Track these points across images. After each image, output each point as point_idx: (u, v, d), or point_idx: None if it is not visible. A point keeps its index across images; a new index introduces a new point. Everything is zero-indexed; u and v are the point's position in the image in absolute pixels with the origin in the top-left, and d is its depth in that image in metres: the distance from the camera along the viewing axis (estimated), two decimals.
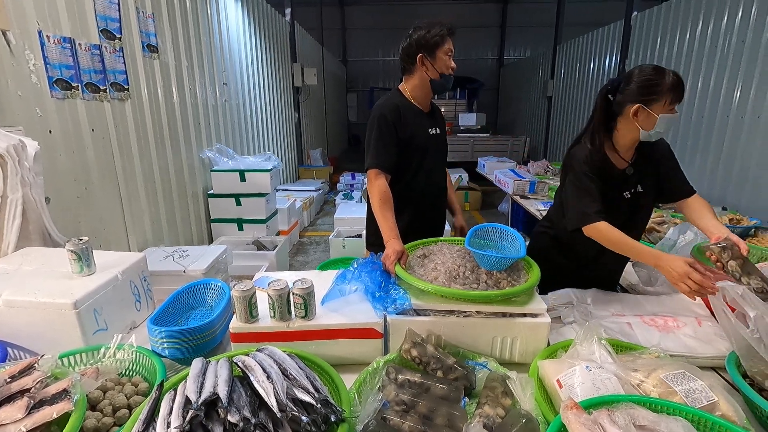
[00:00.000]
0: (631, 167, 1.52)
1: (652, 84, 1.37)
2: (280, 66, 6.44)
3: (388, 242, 1.44)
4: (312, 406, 0.84)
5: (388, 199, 1.60)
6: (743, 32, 3.79)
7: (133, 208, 2.80)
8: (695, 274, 1.16)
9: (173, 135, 3.32)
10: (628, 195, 1.51)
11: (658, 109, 1.37)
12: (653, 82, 1.37)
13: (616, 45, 6.17)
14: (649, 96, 1.37)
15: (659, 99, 1.36)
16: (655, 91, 1.36)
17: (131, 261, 1.49)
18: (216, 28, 4.18)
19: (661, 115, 1.37)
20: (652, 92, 1.37)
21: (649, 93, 1.37)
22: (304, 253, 4.81)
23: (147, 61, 2.98)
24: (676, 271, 1.20)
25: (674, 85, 1.35)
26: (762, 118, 3.53)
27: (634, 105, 1.39)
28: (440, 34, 1.63)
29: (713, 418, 0.83)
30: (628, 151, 1.52)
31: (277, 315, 1.17)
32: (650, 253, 1.31)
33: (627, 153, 1.52)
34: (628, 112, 1.41)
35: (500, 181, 4.32)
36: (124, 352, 1.13)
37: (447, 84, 1.73)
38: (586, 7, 10.48)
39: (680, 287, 1.20)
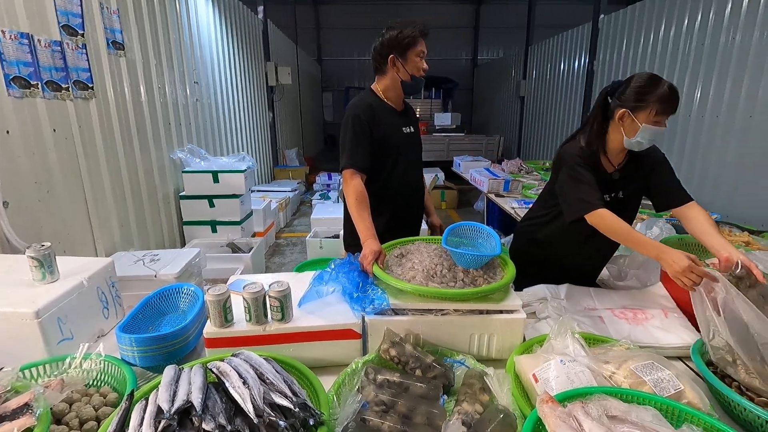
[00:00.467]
0: (617, 172, 1.53)
1: (642, 92, 1.37)
2: (253, 65, 6.33)
3: (365, 242, 1.43)
4: (290, 410, 0.83)
5: (364, 199, 1.59)
6: (702, 35, 3.97)
7: (99, 212, 2.70)
8: (697, 268, 1.15)
9: (142, 135, 3.21)
10: (607, 198, 1.50)
11: (642, 118, 1.37)
12: (643, 90, 1.37)
13: (585, 46, 6.36)
14: (636, 103, 1.37)
15: (645, 107, 1.36)
16: (642, 99, 1.36)
17: (98, 266, 1.43)
18: (185, 25, 4.07)
19: (644, 124, 1.37)
20: (640, 99, 1.37)
21: (636, 100, 1.37)
22: (281, 255, 4.74)
23: (112, 58, 2.87)
24: (678, 265, 1.17)
25: (662, 97, 1.34)
26: (720, 118, 3.71)
27: (621, 109, 1.40)
28: (412, 36, 1.62)
29: (680, 406, 0.86)
30: (618, 155, 1.52)
31: (253, 318, 1.15)
32: (652, 244, 1.29)
33: (616, 157, 1.53)
34: (616, 116, 1.43)
35: (475, 179, 4.38)
36: (91, 361, 1.08)
37: (418, 86, 1.73)
38: (556, 10, 10.75)
39: (681, 281, 1.17)
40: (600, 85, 5.95)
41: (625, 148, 1.48)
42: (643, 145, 1.43)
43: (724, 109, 3.68)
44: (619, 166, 1.54)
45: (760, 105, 3.36)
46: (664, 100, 1.35)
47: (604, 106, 1.48)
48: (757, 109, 3.39)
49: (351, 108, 1.70)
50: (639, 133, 1.39)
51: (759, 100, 3.36)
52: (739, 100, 3.55)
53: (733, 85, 3.61)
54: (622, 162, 1.54)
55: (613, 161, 1.53)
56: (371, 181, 1.69)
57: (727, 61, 3.67)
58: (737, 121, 3.56)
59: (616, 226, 1.34)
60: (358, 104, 1.71)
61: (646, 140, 1.41)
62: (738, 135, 3.56)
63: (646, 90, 1.36)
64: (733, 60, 3.62)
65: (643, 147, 1.45)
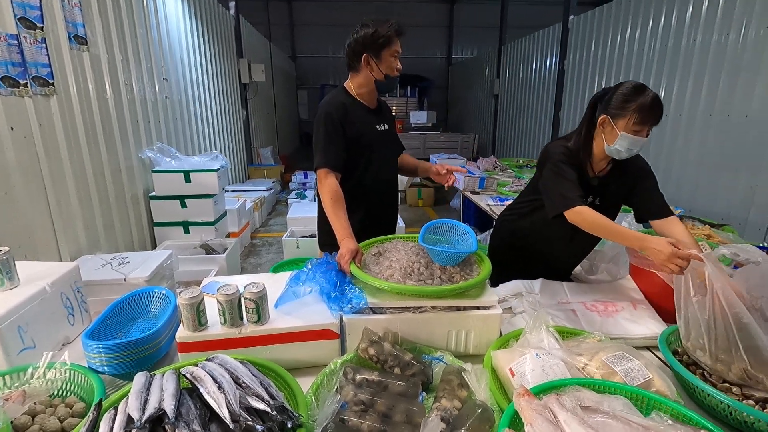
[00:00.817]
0: (596, 179, 1.54)
1: (624, 99, 1.37)
2: (225, 61, 6.18)
3: (342, 241, 1.42)
4: (267, 413, 0.82)
5: (340, 198, 1.57)
6: (666, 36, 4.13)
7: (63, 214, 2.58)
8: (681, 252, 1.16)
9: (108, 134, 3.09)
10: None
11: (621, 125, 1.37)
12: (626, 98, 1.37)
13: (556, 46, 6.52)
14: (616, 110, 1.38)
15: (624, 115, 1.36)
16: (623, 107, 1.37)
17: (62, 271, 1.36)
18: (153, 20, 3.93)
19: (622, 132, 1.38)
20: (621, 107, 1.37)
21: (617, 107, 1.38)
22: (257, 255, 4.67)
23: (75, 53, 2.74)
24: (663, 253, 1.18)
25: (643, 106, 1.34)
26: (683, 117, 3.87)
27: (603, 115, 1.42)
28: (387, 35, 1.59)
29: (649, 394, 0.90)
30: (600, 161, 1.53)
31: (228, 321, 1.12)
32: (635, 236, 1.30)
33: (599, 164, 1.53)
34: (598, 122, 1.44)
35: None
36: (55, 371, 1.03)
37: (391, 85, 1.70)
38: (528, 10, 10.97)
39: (668, 267, 1.17)
40: (570, 84, 6.12)
41: (607, 156, 1.49)
42: (621, 153, 1.43)
43: (686, 109, 3.85)
44: (599, 173, 1.55)
45: (719, 104, 3.52)
46: (644, 109, 1.34)
47: (592, 112, 1.48)
48: (716, 109, 3.55)
49: (323, 106, 1.68)
50: (617, 141, 1.40)
51: (718, 99, 3.52)
52: (699, 99, 3.71)
53: (694, 85, 3.77)
54: (605, 169, 1.55)
55: (595, 167, 1.54)
56: (345, 179, 1.67)
57: (689, 61, 3.84)
58: (698, 120, 3.72)
59: (598, 221, 1.34)
60: (330, 102, 1.68)
61: (624, 149, 1.41)
62: (699, 133, 3.72)
63: (628, 98, 1.36)
64: (693, 61, 3.78)
65: (622, 156, 1.44)
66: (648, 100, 1.35)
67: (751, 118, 3.25)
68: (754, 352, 0.99)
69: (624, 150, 1.42)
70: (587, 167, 1.53)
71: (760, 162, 3.15)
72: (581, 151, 1.50)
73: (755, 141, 3.20)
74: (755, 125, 3.21)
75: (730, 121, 3.42)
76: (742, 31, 3.33)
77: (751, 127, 3.24)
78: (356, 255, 1.35)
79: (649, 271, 1.45)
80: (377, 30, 1.59)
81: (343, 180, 1.65)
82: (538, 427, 0.75)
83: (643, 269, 1.49)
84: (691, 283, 1.12)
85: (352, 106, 1.70)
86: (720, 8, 3.52)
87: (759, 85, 3.18)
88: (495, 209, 3.23)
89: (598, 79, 5.35)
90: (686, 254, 1.14)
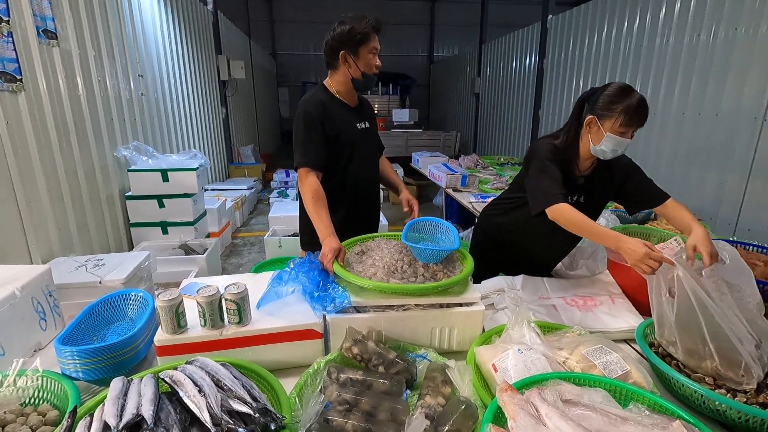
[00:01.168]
0: (582, 177, 1.56)
1: (611, 101, 1.38)
2: (203, 58, 6.06)
3: (324, 240, 1.41)
4: (250, 416, 0.81)
5: (321, 197, 1.56)
6: (641, 37, 4.23)
7: (34, 215, 2.48)
8: (654, 254, 1.19)
9: (80, 132, 2.99)
10: (570, 200, 1.53)
11: (608, 126, 1.39)
12: (612, 99, 1.38)
13: (535, 45, 6.61)
14: (603, 111, 1.40)
15: (611, 116, 1.38)
16: (609, 108, 1.38)
17: (32, 274, 1.31)
18: (127, 15, 3.82)
19: (608, 133, 1.39)
20: (607, 108, 1.39)
21: (604, 108, 1.39)
22: (238, 255, 4.60)
23: (44, 48, 2.64)
24: (636, 253, 1.20)
25: (629, 108, 1.36)
26: (657, 115, 3.98)
27: (590, 116, 1.43)
28: (364, 32, 1.56)
29: (627, 386, 0.92)
30: (586, 161, 1.55)
31: (208, 323, 1.10)
32: (611, 235, 1.31)
33: (584, 163, 1.55)
34: (585, 122, 1.46)
35: (434, 175, 4.44)
36: (26, 378, 0.99)
37: (369, 83, 1.68)
38: (508, 9, 11.10)
39: (641, 267, 1.20)
40: (550, 83, 6.22)
41: (593, 156, 1.51)
42: (606, 153, 1.45)
43: (660, 107, 3.96)
44: (585, 172, 1.57)
45: (691, 103, 3.64)
46: (629, 111, 1.36)
47: (580, 110, 1.50)
48: (688, 107, 3.67)
49: (302, 105, 1.66)
50: (603, 142, 1.42)
51: (690, 98, 3.63)
52: (673, 98, 3.82)
53: (668, 85, 3.88)
54: (589, 168, 1.58)
55: (581, 166, 1.56)
56: (326, 178, 1.66)
57: (662, 61, 3.94)
58: (671, 118, 3.84)
59: (577, 219, 1.36)
60: (308, 101, 1.66)
61: (609, 149, 1.43)
62: (672, 131, 3.83)
63: (615, 99, 1.38)
64: (667, 61, 3.89)
65: (607, 156, 1.46)
66: (634, 103, 1.36)
67: (720, 117, 3.36)
68: (724, 353, 1.02)
69: (609, 151, 1.43)
70: (574, 166, 1.54)
71: (729, 159, 3.27)
72: (569, 150, 1.52)
73: (724, 138, 3.32)
74: (724, 123, 3.33)
75: (701, 119, 3.54)
76: (712, 32, 3.44)
77: (721, 125, 3.35)
78: (339, 253, 1.34)
79: (626, 266, 1.48)
80: (354, 27, 1.56)
81: (323, 179, 1.64)
82: (521, 421, 0.76)
83: (620, 264, 1.53)
84: (663, 283, 1.15)
85: (331, 103, 1.68)
86: (691, 10, 3.63)
87: (728, 84, 3.29)
88: (477, 206, 3.26)
89: (576, 78, 5.46)
90: (659, 257, 1.17)
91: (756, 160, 3.08)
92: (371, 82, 1.67)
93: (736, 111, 3.24)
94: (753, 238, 1.89)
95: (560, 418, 0.75)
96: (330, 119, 1.65)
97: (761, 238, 2.87)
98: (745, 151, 3.15)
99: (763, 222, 3.03)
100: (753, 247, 1.69)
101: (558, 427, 0.74)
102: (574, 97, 5.46)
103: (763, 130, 3.03)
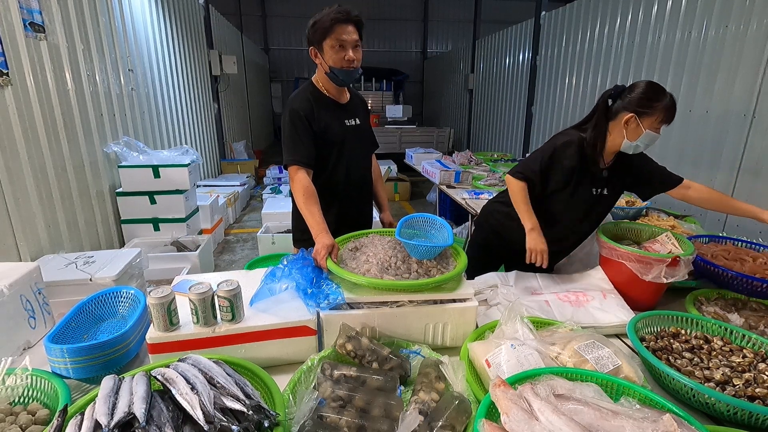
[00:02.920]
0: (606, 170, 1.64)
1: (651, 99, 1.46)
2: (195, 53, 5.98)
3: (317, 237, 1.40)
4: (243, 413, 0.80)
5: (312, 194, 1.53)
6: (633, 34, 4.26)
7: (22, 212, 2.45)
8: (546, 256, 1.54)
9: (69, 127, 2.94)
10: (595, 192, 1.64)
11: (647, 124, 1.47)
12: (650, 97, 1.46)
13: (529, 42, 6.62)
14: (645, 108, 1.46)
15: (652, 114, 1.46)
16: (651, 106, 1.45)
17: (21, 272, 1.30)
18: (116, 8, 3.76)
19: (647, 130, 1.47)
20: (649, 106, 1.46)
21: (645, 106, 1.46)
22: (231, 252, 4.57)
23: (31, 42, 2.59)
24: (538, 246, 1.55)
25: (668, 107, 1.46)
26: None
27: (629, 113, 1.48)
28: (324, 26, 1.51)
29: (618, 381, 0.93)
30: (611, 155, 1.62)
31: (201, 320, 1.09)
32: (531, 220, 1.59)
33: (608, 156, 1.62)
34: (621, 119, 1.51)
35: (427, 171, 4.44)
36: (15, 377, 0.98)
37: (344, 78, 1.61)
38: (501, 5, 11.10)
39: (532, 256, 1.54)
40: (543, 79, 6.23)
41: (617, 149, 1.58)
42: (639, 148, 1.54)
43: None
44: (608, 165, 1.64)
45: (681, 100, 3.66)
46: (668, 109, 1.46)
47: (606, 108, 1.56)
48: (679, 104, 3.67)
49: (289, 103, 1.64)
50: (641, 138, 1.49)
51: (681, 95, 3.66)
52: None
53: (659, 81, 3.89)
54: (611, 162, 1.65)
55: (606, 159, 1.63)
56: (316, 176, 1.64)
57: (654, 58, 3.97)
58: None
59: (518, 196, 1.62)
60: (295, 98, 1.65)
61: (644, 144, 1.51)
62: (663, 129, 3.87)
63: (652, 97, 1.46)
64: (658, 58, 3.92)
65: (638, 150, 1.55)
66: (670, 100, 1.47)
67: (710, 114, 3.39)
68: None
69: (643, 146, 1.52)
70: (600, 159, 1.61)
71: (719, 156, 3.31)
72: (597, 145, 1.58)
73: (714, 136, 3.35)
74: (714, 121, 3.36)
75: (691, 117, 3.57)
76: (702, 30, 3.46)
77: (711, 122, 3.39)
78: (332, 250, 1.34)
79: (618, 262, 1.50)
80: (316, 21, 1.53)
81: (314, 177, 1.62)
82: (514, 416, 0.77)
83: (612, 260, 1.54)
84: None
85: (318, 101, 1.65)
86: (683, 7, 3.65)
87: (718, 82, 3.32)
88: (470, 203, 3.27)
89: (569, 75, 5.47)
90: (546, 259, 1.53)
91: (745, 157, 3.12)
92: (346, 76, 1.60)
93: (725, 108, 3.27)
94: (742, 234, 1.91)
95: (553, 413, 0.76)
96: (316, 117, 1.62)
97: (750, 234, 2.91)
98: (735, 148, 3.18)
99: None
100: (742, 242, 1.72)
101: (550, 422, 0.75)
102: (567, 93, 5.48)
103: (752, 127, 3.07)
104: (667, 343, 1.18)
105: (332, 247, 1.34)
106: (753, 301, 1.49)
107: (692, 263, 1.45)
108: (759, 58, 3.00)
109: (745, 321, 1.36)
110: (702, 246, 1.71)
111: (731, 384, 1.02)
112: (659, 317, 1.26)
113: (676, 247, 1.53)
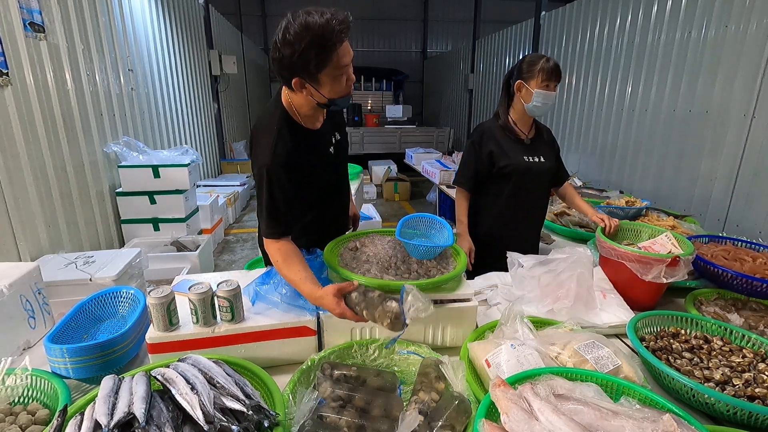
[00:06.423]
0: (528, 140, 1.89)
1: (530, 64, 1.74)
2: (195, 53, 5.98)
3: (316, 300, 1.13)
4: (243, 413, 0.80)
5: (291, 254, 1.22)
6: (632, 34, 4.25)
7: (22, 213, 2.45)
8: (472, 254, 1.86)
9: (69, 127, 2.94)
10: (527, 160, 1.85)
11: (533, 84, 1.73)
12: (531, 63, 1.75)
13: (529, 42, 6.61)
14: (526, 73, 1.75)
15: (534, 76, 1.72)
16: (530, 70, 1.74)
17: (21, 272, 1.30)
18: (116, 8, 3.76)
19: (536, 89, 1.73)
20: (529, 70, 1.74)
21: (526, 71, 1.75)
22: (231, 252, 4.57)
23: (31, 41, 2.59)
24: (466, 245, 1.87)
25: (545, 67, 1.71)
26: (648, 112, 4.01)
27: (518, 81, 1.78)
28: (321, 57, 1.09)
29: (618, 381, 0.93)
30: (525, 125, 1.89)
31: (201, 320, 1.09)
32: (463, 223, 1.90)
33: (524, 126, 1.89)
34: (515, 88, 1.80)
35: (427, 171, 4.45)
36: (15, 377, 0.98)
37: (341, 104, 1.25)
38: (502, 5, 11.09)
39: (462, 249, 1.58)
40: None
41: (526, 116, 1.85)
42: (539, 107, 1.77)
43: (651, 104, 3.98)
44: (529, 135, 1.90)
45: (681, 100, 3.66)
46: (545, 68, 1.72)
47: (506, 87, 1.87)
48: (679, 104, 3.69)
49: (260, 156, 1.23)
50: (534, 97, 1.75)
51: (681, 95, 3.66)
52: (664, 95, 3.85)
53: (659, 82, 3.91)
54: (531, 131, 1.92)
55: (523, 129, 1.89)
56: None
57: (654, 58, 3.96)
58: (662, 115, 3.86)
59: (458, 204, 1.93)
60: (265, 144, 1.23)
61: (540, 102, 1.75)
62: (663, 128, 3.86)
63: (532, 62, 1.75)
64: (658, 58, 3.91)
65: (540, 110, 1.78)
66: (546, 61, 1.73)
67: (710, 114, 3.39)
68: None
69: (540, 104, 1.76)
70: (518, 132, 1.88)
71: (719, 156, 3.30)
72: (508, 120, 1.87)
73: (714, 136, 3.35)
74: (714, 121, 3.35)
75: (691, 117, 3.57)
76: (702, 30, 3.46)
77: (710, 122, 3.38)
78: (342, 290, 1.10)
79: (618, 262, 1.50)
80: (303, 51, 1.08)
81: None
82: (514, 416, 0.77)
83: (611, 260, 1.54)
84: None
85: (297, 141, 1.27)
86: (683, 7, 3.65)
87: (718, 81, 3.32)
88: None
89: (569, 74, 5.47)
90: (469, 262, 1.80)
91: (744, 157, 3.12)
92: (345, 101, 1.25)
93: (725, 108, 3.27)
94: (742, 234, 1.92)
95: (552, 413, 0.76)
96: (299, 166, 1.26)
97: (750, 234, 2.91)
98: (734, 148, 3.18)
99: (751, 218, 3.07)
100: (742, 242, 1.72)
101: (550, 422, 0.75)
102: (566, 92, 5.48)
103: (752, 127, 3.07)
104: (667, 343, 1.18)
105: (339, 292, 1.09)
106: (753, 301, 1.49)
107: (692, 263, 1.45)
108: (759, 58, 3.00)
109: (744, 321, 1.36)
110: (702, 246, 1.72)
111: (731, 384, 1.02)
112: (659, 317, 1.26)
113: (676, 247, 1.53)
